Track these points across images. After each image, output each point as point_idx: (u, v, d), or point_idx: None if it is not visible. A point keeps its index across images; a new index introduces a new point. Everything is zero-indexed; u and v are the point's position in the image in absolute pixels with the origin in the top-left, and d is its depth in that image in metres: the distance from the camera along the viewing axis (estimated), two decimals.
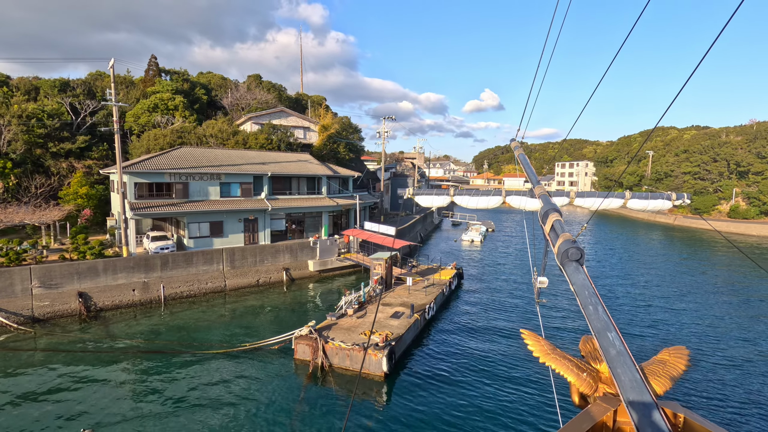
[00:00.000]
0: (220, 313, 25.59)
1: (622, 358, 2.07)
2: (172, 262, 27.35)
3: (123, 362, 19.00)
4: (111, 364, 18.82)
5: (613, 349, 2.14)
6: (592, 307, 2.46)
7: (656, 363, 3.38)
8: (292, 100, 75.06)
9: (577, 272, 2.86)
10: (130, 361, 19.14)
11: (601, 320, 2.34)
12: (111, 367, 18.51)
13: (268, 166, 38.48)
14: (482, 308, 27.27)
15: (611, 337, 2.21)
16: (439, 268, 32.38)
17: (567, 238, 3.22)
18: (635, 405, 1.87)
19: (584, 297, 2.56)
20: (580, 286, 2.67)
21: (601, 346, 2.21)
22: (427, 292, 25.71)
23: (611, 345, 2.16)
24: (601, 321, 2.34)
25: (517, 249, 49.52)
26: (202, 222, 33.84)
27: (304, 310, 26.73)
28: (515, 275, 36.56)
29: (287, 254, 32.71)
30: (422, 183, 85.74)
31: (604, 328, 2.29)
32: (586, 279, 2.75)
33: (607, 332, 2.25)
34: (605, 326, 2.29)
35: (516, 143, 7.99)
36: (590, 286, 2.65)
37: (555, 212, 3.92)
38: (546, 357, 3.50)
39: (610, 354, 2.13)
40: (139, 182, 31.67)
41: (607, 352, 2.15)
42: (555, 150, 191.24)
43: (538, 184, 5.16)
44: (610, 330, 2.26)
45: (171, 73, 63.64)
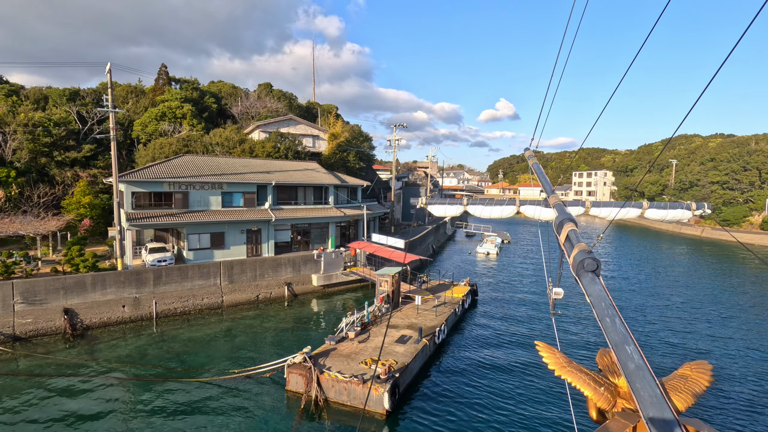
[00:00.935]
0: (214, 333, 23.78)
1: (642, 373, 2.02)
2: (165, 277, 25.74)
3: (101, 390, 17.23)
4: (87, 392, 17.06)
5: (631, 362, 2.09)
6: (609, 319, 2.41)
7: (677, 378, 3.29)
8: (302, 109, 74.07)
9: (593, 283, 2.78)
10: (108, 389, 17.36)
11: (619, 333, 2.29)
12: (87, 396, 16.75)
13: (272, 175, 36.93)
14: (498, 331, 24.86)
15: (629, 351, 2.16)
16: (451, 285, 30.10)
17: (582, 249, 3.15)
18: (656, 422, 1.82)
19: (601, 309, 2.51)
20: (597, 297, 2.62)
21: (619, 360, 2.16)
22: (437, 313, 23.47)
23: (630, 359, 2.11)
24: (619, 334, 2.29)
25: (536, 262, 46.82)
26: (202, 233, 32.33)
27: (305, 330, 24.73)
28: (534, 291, 33.99)
29: (289, 268, 30.87)
30: (435, 192, 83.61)
31: (621, 341, 2.24)
32: (602, 290, 2.68)
33: (626, 345, 2.20)
34: (623, 339, 2.25)
35: (530, 152, 7.72)
36: (607, 298, 2.59)
37: (570, 222, 3.83)
38: (562, 370, 3.40)
39: (628, 368, 2.08)
40: (137, 191, 30.35)
41: (626, 366, 2.10)
42: (572, 159, 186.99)
43: (552, 194, 5.10)
44: (628, 343, 2.21)
45: (181, 81, 63.23)
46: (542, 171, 6.21)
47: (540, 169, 6.32)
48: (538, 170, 6.28)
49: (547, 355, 3.62)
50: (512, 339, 23.43)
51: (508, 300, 31.44)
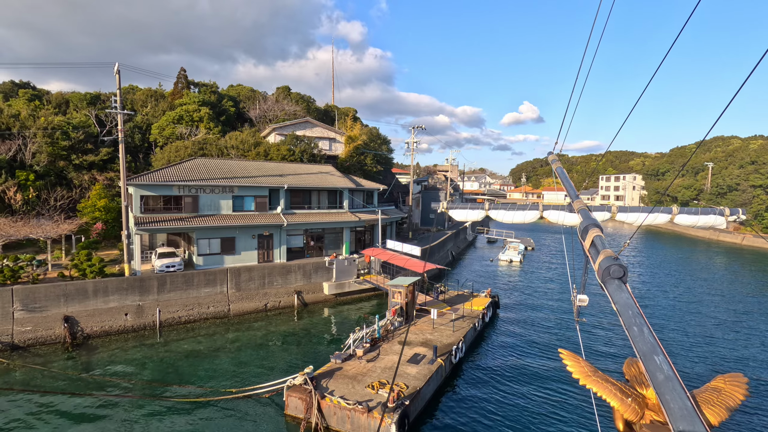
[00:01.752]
0: (218, 345, 22.53)
1: (671, 384, 1.97)
2: (170, 284, 24.74)
3: (92, 409, 16.10)
4: (78, 411, 15.96)
5: (660, 373, 2.04)
6: (636, 328, 2.36)
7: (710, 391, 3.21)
8: (320, 112, 73.26)
9: (619, 291, 2.71)
10: (100, 408, 16.21)
11: (647, 342, 2.25)
12: (77, 416, 15.63)
13: (285, 179, 35.78)
14: (521, 349, 22.74)
15: (658, 361, 2.11)
16: (470, 296, 28.10)
17: (608, 255, 3.07)
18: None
19: (628, 317, 2.46)
20: (624, 305, 2.56)
21: (648, 370, 2.11)
22: (455, 328, 21.56)
23: (659, 369, 2.07)
24: (647, 343, 2.24)
25: (562, 272, 44.14)
26: (212, 238, 31.37)
27: (313, 343, 23.22)
28: (560, 303, 31.58)
29: (299, 275, 29.50)
30: (456, 197, 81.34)
31: (650, 350, 2.19)
32: (629, 298, 2.61)
33: (654, 355, 2.15)
34: (651, 349, 2.19)
35: (553, 156, 7.50)
36: (634, 306, 2.53)
37: (595, 227, 3.75)
38: (587, 379, 3.36)
39: (657, 379, 2.03)
40: (146, 195, 29.61)
41: (654, 376, 2.05)
42: (598, 162, 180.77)
43: (577, 199, 5.03)
44: (657, 353, 2.16)
45: (200, 85, 63.34)
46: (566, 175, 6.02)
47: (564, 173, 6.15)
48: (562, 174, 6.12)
49: (571, 364, 3.52)
50: (537, 360, 21.28)
51: (532, 313, 29.17)
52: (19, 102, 48.43)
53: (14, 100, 49.83)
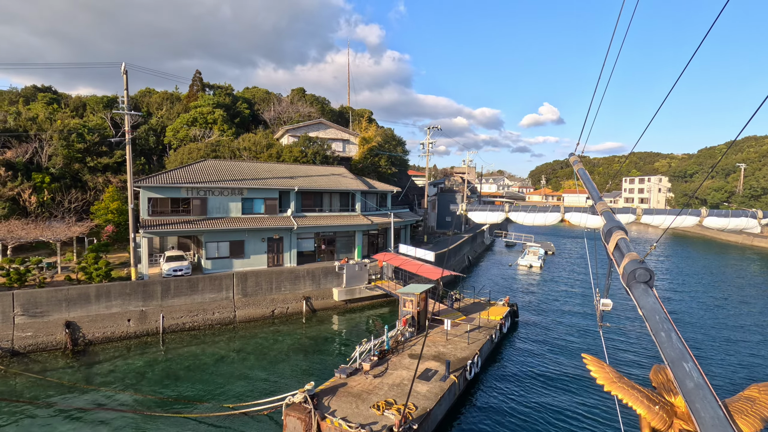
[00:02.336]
0: (222, 353, 21.62)
1: (702, 392, 1.91)
2: (174, 289, 24.00)
3: (84, 424, 15.30)
4: (69, 425, 15.18)
5: (690, 381, 1.98)
6: (664, 333, 2.30)
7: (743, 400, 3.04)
8: (335, 114, 72.56)
9: (645, 295, 2.66)
10: (92, 425, 15.40)
11: (676, 348, 2.18)
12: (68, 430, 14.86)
13: (295, 181, 34.90)
14: (542, 362, 21.10)
15: (688, 368, 2.05)
16: (487, 304, 26.55)
17: (634, 258, 3.00)
18: None
19: (655, 322, 2.41)
20: (650, 310, 2.51)
21: (676, 378, 2.06)
22: (470, 340, 20.10)
23: (688, 377, 2.00)
24: (676, 349, 2.18)
25: (585, 278, 42.00)
26: (221, 241, 30.67)
27: (321, 353, 22.09)
28: (583, 311, 29.68)
29: (308, 280, 28.47)
30: (473, 199, 79.46)
31: (679, 357, 2.13)
32: (656, 303, 2.56)
33: (683, 362, 2.09)
34: (680, 355, 2.13)
35: (575, 157, 7.17)
36: (661, 311, 2.48)
37: (619, 230, 3.68)
38: (612, 385, 3.30)
39: (686, 387, 1.97)
40: (154, 197, 29.09)
41: (684, 384, 1.99)
42: (621, 164, 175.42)
43: (599, 200, 4.97)
44: (686, 360, 2.10)
45: (215, 88, 63.38)
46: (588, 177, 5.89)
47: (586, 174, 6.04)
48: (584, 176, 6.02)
49: (595, 369, 3.42)
50: (559, 376, 19.62)
51: (553, 323, 27.40)
52: (37, 105, 49.08)
53: (33, 103, 50.56)
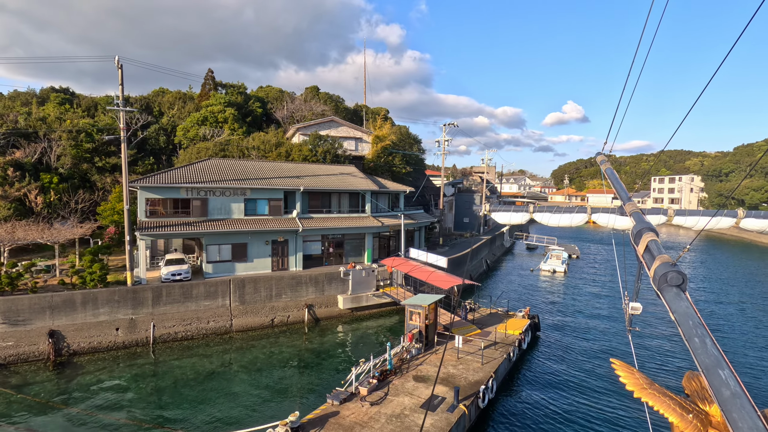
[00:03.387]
0: (214, 367, 19.94)
1: (739, 401, 1.83)
2: (166, 296, 22.49)
3: None
4: None
5: (726, 389, 1.90)
6: (698, 339, 2.23)
7: None
8: (349, 112, 70.86)
9: (678, 299, 2.60)
10: None
11: (711, 355, 2.11)
12: None
13: (302, 180, 33.15)
14: (566, 386, 18.59)
15: (724, 376, 1.97)
16: (505, 316, 24.11)
17: (665, 261, 2.95)
18: None
19: (688, 327, 2.34)
20: (683, 314, 2.46)
21: (711, 385, 1.99)
22: (484, 359, 17.77)
23: (724, 385, 1.93)
24: (711, 356, 2.10)
25: (612, 285, 38.82)
26: (222, 244, 29.16)
27: (321, 368, 20.16)
28: (611, 321, 26.85)
29: (311, 287, 26.60)
30: (493, 199, 76.42)
31: (714, 364, 2.05)
32: (689, 307, 2.50)
33: (719, 369, 2.02)
34: (716, 362, 2.06)
35: (602, 156, 7.03)
36: (695, 316, 2.41)
37: (650, 232, 3.62)
38: (642, 392, 3.20)
39: (723, 395, 1.90)
40: (152, 198, 27.78)
41: (719, 392, 1.92)
42: (650, 163, 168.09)
43: (629, 201, 4.90)
44: (722, 367, 2.03)
45: (227, 86, 62.52)
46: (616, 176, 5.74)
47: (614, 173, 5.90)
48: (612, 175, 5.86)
49: (624, 375, 3.34)
50: (585, 402, 17.09)
51: (579, 337, 24.72)
52: (49, 106, 49.00)
53: (48, 104, 50.56)
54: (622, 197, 5.09)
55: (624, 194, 5.16)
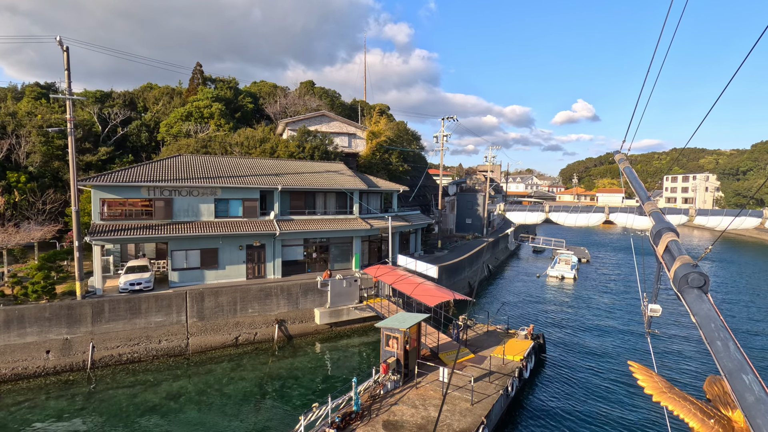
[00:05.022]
0: (158, 399, 16.82)
1: (764, 407, 1.75)
2: (109, 311, 19.42)
3: None
4: None
5: (750, 395, 1.81)
6: (720, 342, 2.14)
7: None
8: (346, 107, 67.71)
9: (699, 301, 2.50)
10: None
11: (734, 359, 2.02)
12: None
13: (281, 179, 29.98)
14: (579, 425, 15.18)
15: (748, 381, 1.88)
16: (505, 334, 20.71)
17: (686, 262, 2.83)
18: None
19: (710, 330, 2.25)
20: (705, 317, 2.36)
21: (734, 390, 1.91)
22: (475, 396, 14.41)
23: (748, 390, 1.84)
24: (734, 360, 2.02)
25: (626, 293, 35.10)
26: (190, 249, 26.14)
27: (285, 398, 16.96)
28: (632, 337, 23.33)
29: (283, 300, 23.39)
30: (497, 198, 72.71)
31: (737, 368, 1.97)
32: (711, 309, 2.40)
33: (742, 374, 1.92)
34: (739, 366, 1.97)
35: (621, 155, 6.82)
36: (717, 318, 2.31)
37: (670, 232, 3.50)
38: (661, 396, 3.15)
39: (746, 401, 1.80)
40: (107, 198, 24.79)
41: (743, 398, 1.83)
42: (663, 161, 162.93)
43: (648, 200, 4.81)
44: (746, 371, 1.93)
45: (217, 81, 59.64)
46: (635, 175, 5.69)
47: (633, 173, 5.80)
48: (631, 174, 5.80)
49: (643, 378, 3.31)
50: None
51: (591, 356, 21.23)
52: (24, 101, 46.39)
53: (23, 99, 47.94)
54: (642, 197, 4.98)
55: (643, 194, 5.06)
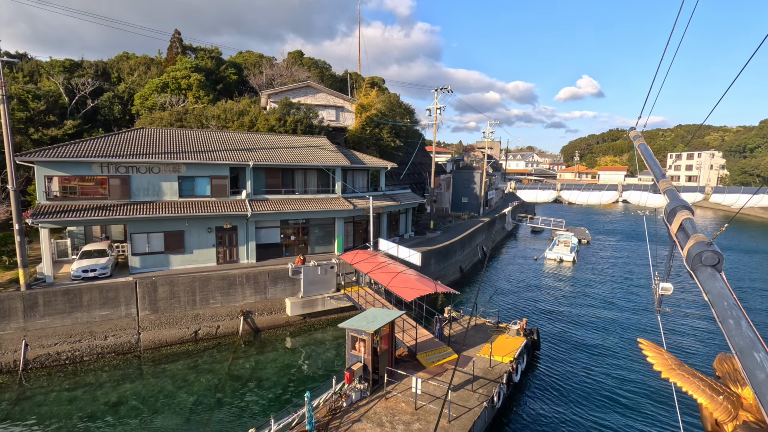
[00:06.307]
0: (96, 407, 14.68)
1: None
2: (44, 305, 17.09)
3: None
4: None
5: (761, 372, 1.82)
6: (732, 321, 2.15)
7: None
8: (337, 80, 64.04)
9: (713, 279, 2.48)
10: None
11: (746, 337, 2.02)
12: None
13: (253, 154, 27.27)
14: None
15: (759, 358, 1.88)
16: (495, 329, 18.46)
17: (700, 240, 2.79)
18: None
19: (722, 308, 2.25)
20: (717, 295, 2.35)
21: (745, 368, 1.91)
22: (453, 410, 12.19)
23: (759, 367, 1.84)
24: (745, 338, 2.01)
25: (629, 276, 32.84)
26: (152, 232, 23.73)
27: (245, 408, 14.83)
28: (637, 332, 21.22)
29: (249, 289, 21.06)
30: (495, 177, 69.86)
31: (749, 346, 1.96)
32: (724, 288, 2.39)
33: (754, 352, 1.92)
34: (750, 344, 1.97)
35: (636, 132, 6.71)
36: (730, 296, 2.30)
37: (684, 210, 3.48)
38: (670, 372, 3.10)
39: (757, 378, 1.82)
40: (54, 175, 22.16)
41: (753, 375, 1.84)
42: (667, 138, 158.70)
43: (663, 178, 4.68)
44: (757, 349, 1.93)
45: (197, 50, 55.91)
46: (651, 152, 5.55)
47: (648, 150, 5.67)
48: (646, 152, 5.63)
49: (652, 355, 3.21)
50: None
51: (591, 352, 19.07)
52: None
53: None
54: (657, 174, 4.90)
55: (658, 171, 4.94)
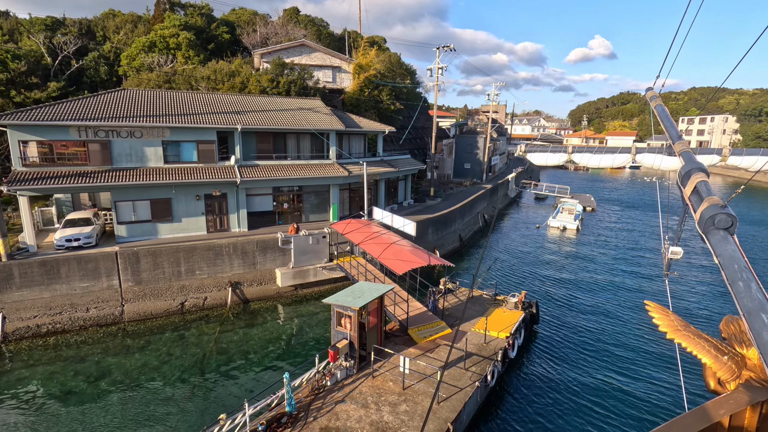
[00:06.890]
0: (78, 382, 14.21)
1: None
2: (21, 276, 16.37)
3: None
4: None
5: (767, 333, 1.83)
6: (742, 283, 2.14)
7: None
8: (335, 39, 60.93)
9: (724, 242, 2.48)
10: None
11: (754, 299, 2.04)
12: None
13: (242, 117, 25.80)
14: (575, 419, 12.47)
15: (766, 319, 1.89)
16: (492, 302, 17.68)
17: (714, 203, 2.79)
18: None
19: (732, 271, 2.24)
20: (728, 258, 2.33)
21: (752, 329, 1.93)
22: (444, 391, 11.52)
23: (765, 328, 1.85)
24: (754, 300, 2.03)
25: (635, 244, 31.84)
26: (137, 200, 22.76)
27: (232, 382, 14.32)
28: (642, 312, 20.44)
29: (237, 259, 20.25)
30: (499, 142, 67.73)
31: (757, 308, 1.98)
32: (736, 250, 2.37)
33: (762, 313, 1.94)
34: (759, 306, 1.98)
35: (653, 93, 6.50)
36: (741, 259, 2.28)
37: (700, 172, 3.38)
38: (676, 333, 3.13)
39: (763, 339, 1.84)
40: (29, 140, 20.95)
41: (760, 336, 1.87)
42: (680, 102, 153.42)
43: (679, 140, 4.63)
44: (765, 311, 1.94)
45: (187, 6, 52.92)
46: (667, 113, 5.46)
47: (665, 111, 5.56)
48: (663, 113, 5.54)
49: (659, 317, 3.26)
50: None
51: (593, 329, 18.36)
52: None
53: None
54: (673, 135, 4.93)
55: (675, 132, 4.94)
